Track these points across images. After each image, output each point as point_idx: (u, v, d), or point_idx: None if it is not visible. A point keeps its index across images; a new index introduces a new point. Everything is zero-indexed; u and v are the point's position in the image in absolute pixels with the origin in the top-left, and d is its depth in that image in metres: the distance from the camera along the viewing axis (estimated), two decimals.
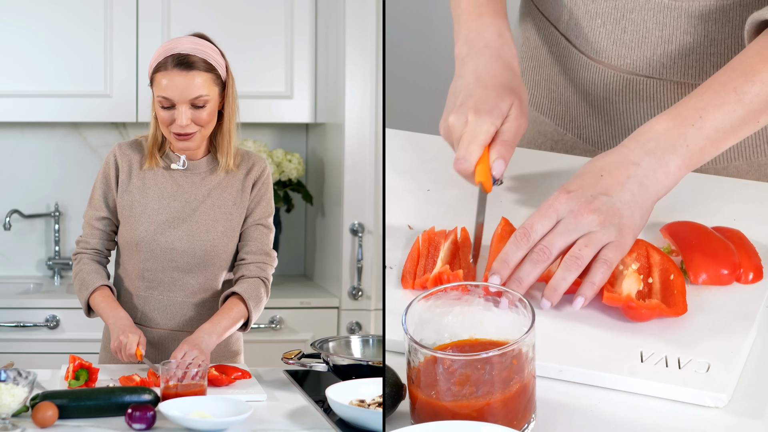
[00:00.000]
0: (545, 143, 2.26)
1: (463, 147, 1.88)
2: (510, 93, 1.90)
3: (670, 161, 1.76)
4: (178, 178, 2.30)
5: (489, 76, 1.92)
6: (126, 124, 3.78)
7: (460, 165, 1.88)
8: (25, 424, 1.86)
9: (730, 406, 1.58)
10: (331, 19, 3.57)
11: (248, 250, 2.32)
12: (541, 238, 1.72)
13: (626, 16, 2.04)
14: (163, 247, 2.28)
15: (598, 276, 1.70)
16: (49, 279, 3.77)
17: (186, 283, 2.30)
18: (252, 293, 2.28)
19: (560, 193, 1.74)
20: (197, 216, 2.29)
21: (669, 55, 2.04)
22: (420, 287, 1.78)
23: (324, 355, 2.18)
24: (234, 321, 2.26)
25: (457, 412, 1.48)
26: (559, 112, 2.23)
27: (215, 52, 2.26)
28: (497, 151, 1.88)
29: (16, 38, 3.53)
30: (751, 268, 1.79)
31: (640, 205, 1.74)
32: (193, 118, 2.23)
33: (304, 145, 3.89)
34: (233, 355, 2.38)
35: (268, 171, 2.35)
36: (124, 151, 2.32)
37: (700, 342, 1.66)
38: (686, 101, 1.79)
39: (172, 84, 2.21)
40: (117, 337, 2.21)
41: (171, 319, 2.32)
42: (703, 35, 2.01)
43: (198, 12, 3.58)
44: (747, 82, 1.78)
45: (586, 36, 2.10)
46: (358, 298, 3.50)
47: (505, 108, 1.89)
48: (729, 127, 1.78)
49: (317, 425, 1.92)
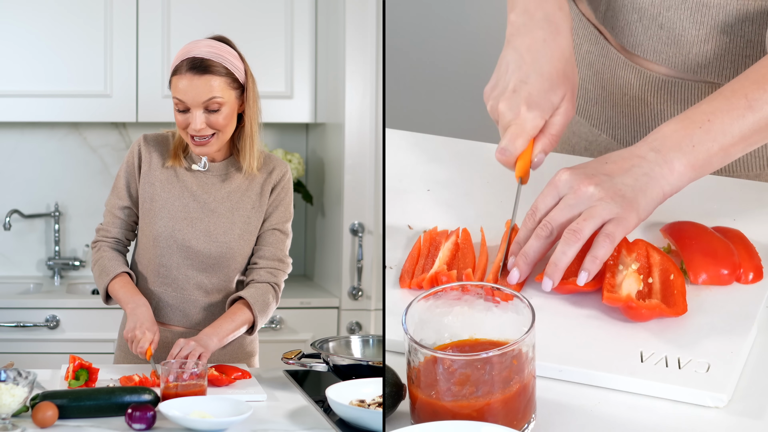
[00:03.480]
0: (579, 143, 2.26)
1: (509, 139, 1.86)
2: (564, 82, 1.88)
3: (675, 159, 1.75)
4: (199, 179, 2.31)
5: (546, 59, 1.89)
6: (126, 124, 3.78)
7: (502, 155, 1.87)
8: (25, 424, 1.86)
9: (730, 406, 1.58)
10: (331, 19, 3.57)
11: (261, 255, 2.32)
12: (544, 214, 1.75)
13: (663, 13, 2.03)
14: (180, 244, 2.28)
15: (601, 250, 1.70)
16: (49, 279, 3.77)
17: (200, 282, 2.30)
18: (259, 299, 2.28)
19: (562, 171, 1.76)
20: (215, 217, 2.29)
21: (705, 54, 2.03)
22: (416, 287, 1.79)
23: (324, 355, 2.18)
24: (237, 325, 2.26)
25: (457, 412, 1.48)
26: (594, 112, 2.23)
27: (233, 55, 2.25)
28: (542, 145, 1.88)
29: (16, 38, 3.53)
30: (751, 268, 1.79)
31: (644, 191, 1.74)
32: (208, 122, 2.22)
33: (304, 145, 3.89)
34: (248, 356, 2.38)
35: (288, 176, 2.34)
36: (149, 144, 2.32)
37: (700, 342, 1.66)
38: (696, 107, 1.79)
39: (186, 88, 2.21)
40: (133, 328, 2.21)
41: (183, 318, 2.32)
42: (740, 36, 2.00)
43: (198, 12, 3.58)
44: (758, 90, 1.78)
45: (622, 29, 2.09)
46: (358, 298, 3.50)
47: (556, 101, 1.87)
48: (737, 132, 1.77)
49: (317, 425, 1.93)
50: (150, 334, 2.20)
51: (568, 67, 1.90)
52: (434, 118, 4.08)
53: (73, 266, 3.78)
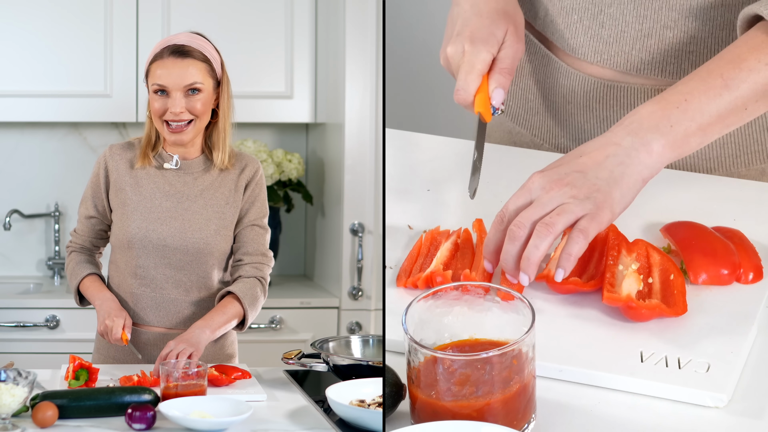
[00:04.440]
0: None
1: (462, 78, 1.89)
2: (505, 18, 1.92)
3: (653, 140, 1.74)
4: (170, 178, 2.32)
5: (483, 2, 1.94)
6: (126, 124, 3.78)
7: (459, 96, 1.89)
8: (25, 424, 1.86)
9: (730, 406, 1.58)
10: (331, 19, 3.57)
11: (244, 251, 2.33)
12: (514, 215, 1.72)
13: (604, 11, 2.03)
14: (156, 244, 2.29)
15: (575, 247, 1.68)
16: (49, 279, 3.77)
17: (178, 280, 2.31)
18: (247, 292, 2.29)
19: (534, 174, 1.75)
20: (190, 214, 2.30)
21: (648, 50, 2.02)
22: (412, 286, 1.79)
23: (324, 355, 2.19)
24: (228, 318, 2.27)
25: (457, 412, 1.48)
26: (536, 122, 2.22)
27: (211, 47, 2.32)
28: (496, 80, 1.90)
29: (16, 38, 3.53)
30: (751, 268, 1.79)
31: (619, 183, 1.72)
32: (187, 106, 2.26)
33: (304, 145, 3.89)
34: (228, 358, 2.38)
35: (261, 172, 2.36)
36: (116, 152, 2.35)
37: (700, 342, 1.66)
38: (672, 88, 1.79)
39: (167, 71, 2.25)
40: (103, 321, 2.26)
41: (164, 318, 2.32)
42: (683, 31, 1.99)
43: (198, 12, 3.58)
44: (734, 69, 1.77)
45: (562, 33, 2.08)
46: (358, 298, 3.50)
47: (500, 35, 1.91)
48: (714, 112, 1.76)
49: (317, 425, 1.93)
50: (119, 320, 2.25)
51: (508, 6, 1.94)
52: (434, 118, 4.08)
53: None
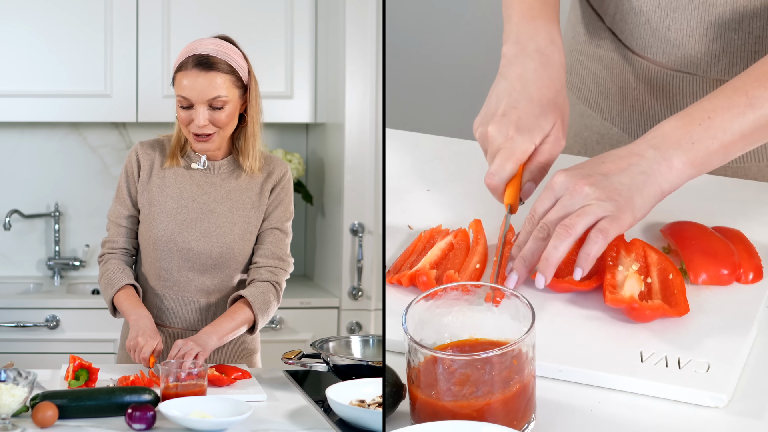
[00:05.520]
0: (591, 137, 2.26)
1: (498, 163, 1.83)
2: (554, 110, 1.86)
3: (674, 156, 1.75)
4: (197, 178, 2.31)
5: (536, 87, 1.88)
6: (126, 124, 3.78)
7: (491, 180, 1.84)
8: (25, 424, 1.86)
9: (730, 406, 1.58)
10: (331, 19, 3.57)
11: (262, 254, 2.32)
12: (542, 216, 1.74)
13: (670, 15, 2.03)
14: (180, 247, 2.28)
15: (594, 247, 1.69)
16: (49, 279, 3.77)
17: (201, 283, 2.30)
18: (259, 297, 2.28)
19: (558, 174, 1.75)
20: (215, 217, 2.29)
21: (713, 53, 2.03)
22: (397, 282, 1.79)
23: (324, 355, 2.18)
24: (238, 324, 2.26)
25: (457, 412, 1.48)
26: (606, 106, 2.22)
27: (237, 55, 2.27)
28: (531, 174, 1.86)
29: (16, 38, 3.53)
30: (751, 268, 1.79)
31: (640, 190, 1.73)
32: (211, 119, 2.23)
33: (304, 145, 3.89)
34: (249, 353, 2.38)
35: (289, 176, 2.35)
36: (146, 150, 2.33)
37: (700, 342, 1.66)
38: (697, 104, 1.79)
39: (191, 84, 2.22)
40: (135, 336, 2.20)
41: (184, 319, 2.32)
42: (748, 32, 2.00)
43: (198, 12, 3.58)
44: (759, 87, 1.77)
45: (631, 32, 2.10)
46: (358, 298, 3.50)
47: (547, 127, 1.85)
48: (737, 130, 1.76)
49: (317, 425, 1.92)
50: (152, 341, 2.19)
51: (558, 97, 1.88)
52: (434, 118, 4.09)
53: (73, 266, 3.78)
